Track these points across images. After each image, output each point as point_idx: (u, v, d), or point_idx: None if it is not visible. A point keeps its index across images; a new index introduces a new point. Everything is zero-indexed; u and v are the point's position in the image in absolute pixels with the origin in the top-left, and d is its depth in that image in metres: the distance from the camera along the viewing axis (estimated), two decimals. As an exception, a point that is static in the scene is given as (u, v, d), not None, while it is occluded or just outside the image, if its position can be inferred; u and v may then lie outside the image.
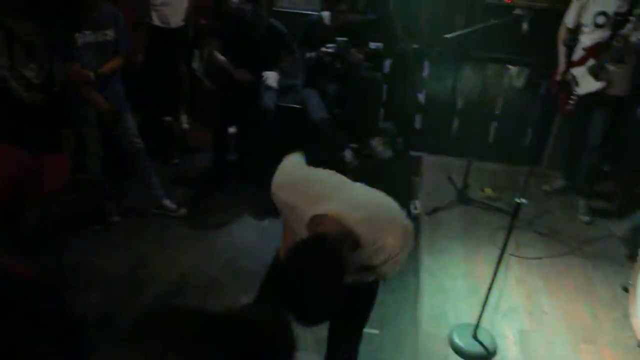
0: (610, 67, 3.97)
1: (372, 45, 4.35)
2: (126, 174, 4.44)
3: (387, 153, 4.68)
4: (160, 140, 5.12)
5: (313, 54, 4.25)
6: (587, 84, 4.08)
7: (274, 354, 1.09)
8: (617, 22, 3.90)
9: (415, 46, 5.02)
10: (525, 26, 4.19)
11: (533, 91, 5.01)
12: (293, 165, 2.12)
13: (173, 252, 3.99)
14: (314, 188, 1.98)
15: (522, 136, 5.14)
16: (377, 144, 4.68)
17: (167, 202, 4.39)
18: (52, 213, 4.19)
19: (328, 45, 4.16)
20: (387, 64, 5.08)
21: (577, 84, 4.14)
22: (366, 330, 3.19)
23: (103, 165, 4.12)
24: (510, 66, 4.95)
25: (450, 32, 4.10)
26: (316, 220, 1.83)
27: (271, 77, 4.44)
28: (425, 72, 5.14)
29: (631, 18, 3.84)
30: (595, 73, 4.02)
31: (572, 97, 4.19)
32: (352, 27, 4.31)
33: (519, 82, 5.05)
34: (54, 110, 4.23)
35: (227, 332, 1.02)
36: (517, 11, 4.27)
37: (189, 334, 0.99)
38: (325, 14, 4.28)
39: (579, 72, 4.11)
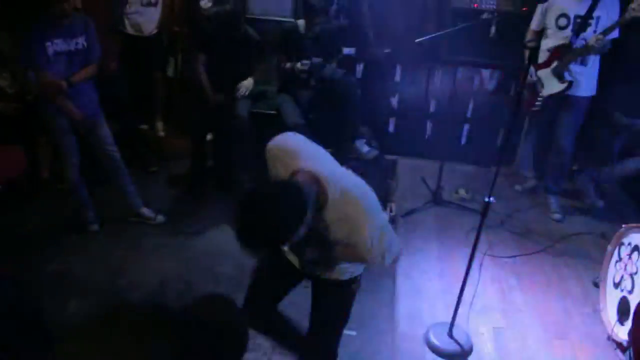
0: (574, 69, 4.10)
1: (345, 50, 4.41)
2: (103, 182, 4.44)
3: (373, 153, 4.74)
4: (136, 148, 5.12)
5: (288, 66, 4.29)
6: (551, 86, 4.20)
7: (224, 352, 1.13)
8: (577, 24, 4.05)
9: (387, 51, 5.09)
10: (492, 30, 4.29)
11: (504, 93, 5.12)
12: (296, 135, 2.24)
13: (152, 259, 3.99)
14: (308, 150, 2.12)
15: (494, 138, 5.25)
16: (362, 145, 4.74)
17: (145, 210, 4.40)
18: (30, 221, 4.18)
19: (303, 62, 4.22)
20: (360, 68, 5.15)
21: (542, 85, 4.26)
22: (344, 331, 3.26)
23: (80, 173, 4.11)
24: (482, 70, 5.07)
25: (421, 36, 4.18)
26: (297, 171, 1.96)
27: (244, 87, 4.50)
28: (397, 77, 5.23)
29: (590, 21, 4.00)
30: (559, 74, 4.13)
31: (537, 98, 4.31)
32: (326, 35, 4.37)
33: (491, 85, 5.16)
34: (28, 120, 4.23)
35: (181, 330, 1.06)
36: (485, 15, 4.38)
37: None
38: (301, 22, 4.34)
39: (543, 74, 4.23)
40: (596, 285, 3.64)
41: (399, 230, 4.32)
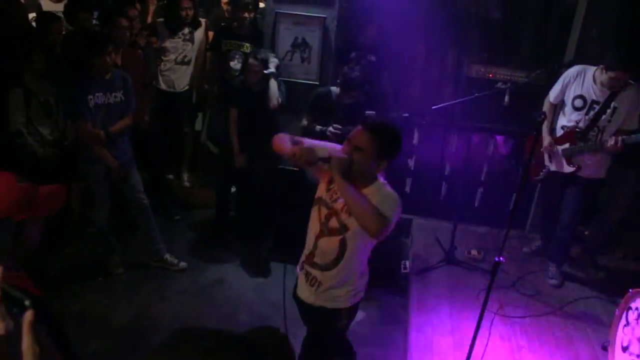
0: (585, 157, 4.23)
1: (367, 113, 4.62)
2: (130, 228, 4.65)
3: None
4: (162, 197, 5.35)
5: (318, 128, 4.52)
6: (559, 164, 4.36)
7: None
8: (593, 109, 4.14)
9: (405, 115, 5.32)
10: (507, 99, 4.50)
11: (516, 158, 5.31)
12: None
13: (174, 304, 4.16)
14: None
15: (506, 201, 5.39)
16: None
17: (168, 256, 4.58)
18: (58, 262, 4.36)
19: (335, 126, 4.45)
20: (379, 130, 5.37)
21: (550, 158, 4.43)
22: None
23: (109, 219, 4.33)
24: (496, 136, 5.27)
25: (438, 102, 4.41)
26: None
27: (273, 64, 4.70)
28: (415, 139, 5.45)
29: (607, 110, 4.09)
30: (568, 157, 4.29)
31: (543, 170, 4.48)
32: (356, 104, 4.62)
33: (504, 150, 5.35)
34: (64, 165, 4.48)
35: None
36: (500, 85, 4.63)
37: None
38: (335, 90, 4.58)
39: (558, 149, 4.39)
40: (605, 349, 3.70)
41: (413, 287, 4.44)
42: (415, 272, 4.61)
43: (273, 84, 4.59)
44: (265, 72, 4.54)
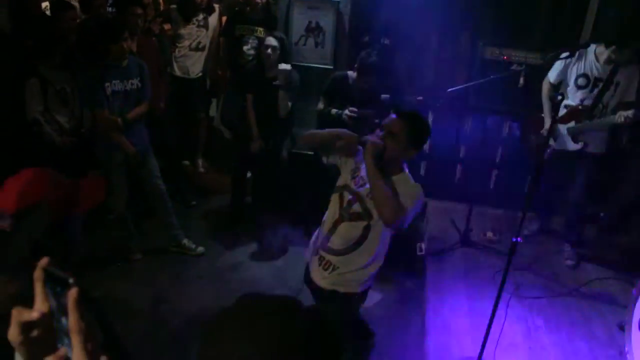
0: (592, 133, 4.28)
1: (382, 96, 4.63)
2: (148, 214, 4.70)
3: None
4: (178, 183, 5.40)
5: (334, 111, 4.53)
6: (564, 143, 4.36)
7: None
8: (597, 86, 4.21)
9: (420, 98, 5.32)
10: (522, 81, 4.48)
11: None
12: None
13: (192, 288, 4.21)
14: None
15: (522, 183, 5.39)
16: None
17: (186, 241, 4.63)
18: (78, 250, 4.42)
19: (351, 109, 4.46)
20: (394, 114, 5.38)
21: (554, 139, 4.43)
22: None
23: (127, 205, 4.38)
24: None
25: (452, 84, 4.40)
26: None
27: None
28: (429, 122, 5.43)
29: (610, 86, 4.16)
30: (573, 135, 4.31)
31: (547, 149, 4.48)
32: (371, 89, 4.63)
33: (519, 132, 5.34)
34: (82, 153, 4.52)
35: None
36: (515, 67, 4.60)
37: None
38: (351, 74, 4.59)
39: (559, 129, 4.39)
40: (622, 328, 3.72)
41: (429, 269, 4.46)
42: (431, 254, 4.64)
43: (282, 95, 4.61)
44: (281, 68, 4.54)
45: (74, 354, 0.92)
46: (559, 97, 3.01)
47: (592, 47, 4.23)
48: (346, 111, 4.44)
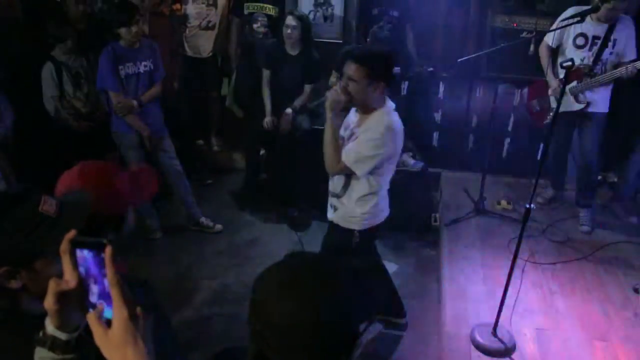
0: (593, 92, 4.29)
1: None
2: (166, 194, 4.78)
3: (418, 165, 4.95)
4: (193, 162, 5.47)
5: None
6: (567, 104, 4.37)
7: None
8: (595, 44, 4.23)
9: (430, 69, 5.33)
10: (532, 48, 4.47)
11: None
12: None
13: (212, 264, 4.31)
14: None
15: (534, 150, 5.40)
16: (407, 159, 4.96)
17: (204, 219, 4.72)
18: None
19: None
20: (405, 85, 5.40)
21: (556, 100, 4.45)
22: (393, 331, 3.52)
23: (145, 185, 4.46)
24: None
25: (462, 54, 4.40)
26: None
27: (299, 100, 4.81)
28: (441, 93, 5.46)
29: (608, 43, 4.19)
30: (575, 95, 4.32)
31: (549, 113, 4.51)
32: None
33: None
34: (99, 136, 4.59)
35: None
36: (525, 34, 4.58)
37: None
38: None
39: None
40: (636, 291, 3.78)
41: (444, 238, 4.52)
42: (446, 224, 4.69)
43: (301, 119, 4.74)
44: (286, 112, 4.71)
45: (114, 303, 1.04)
46: (569, 63, 3.01)
47: (587, 8, 4.21)
48: None
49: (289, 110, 4.72)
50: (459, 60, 4.31)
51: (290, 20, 4.58)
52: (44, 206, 1.34)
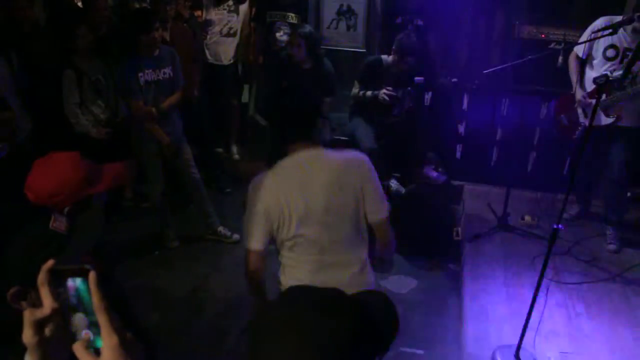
0: (624, 106, 4.14)
1: (416, 79, 4.57)
2: (184, 202, 4.75)
3: (441, 178, 4.86)
4: (213, 171, 5.43)
5: (369, 93, 4.51)
6: (596, 118, 4.23)
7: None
8: (627, 57, 4.07)
9: (454, 80, 5.23)
10: (560, 60, 4.36)
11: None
12: None
13: (229, 275, 4.24)
14: None
15: (560, 165, 5.27)
16: (430, 171, 4.87)
17: (222, 229, 4.67)
18: (115, 237, 4.50)
19: (388, 88, 4.43)
20: (428, 96, 5.31)
21: (585, 114, 4.31)
22: (411, 350, 3.41)
23: (163, 194, 4.43)
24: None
25: (487, 65, 4.30)
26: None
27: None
28: (465, 104, 5.35)
29: None
30: (605, 109, 4.17)
31: (578, 127, 4.38)
32: (406, 71, 4.58)
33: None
34: (118, 143, 4.57)
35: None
36: (553, 45, 4.47)
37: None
38: (385, 58, 4.54)
39: (588, 105, 4.27)
40: (666, 314, 3.63)
41: (466, 254, 4.41)
42: (468, 239, 4.58)
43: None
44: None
45: (103, 330, 0.98)
46: (603, 79, 2.90)
47: (618, 18, 4.06)
48: (383, 91, 4.42)
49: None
50: (485, 71, 4.21)
51: (293, 39, 4.54)
52: (54, 223, 1.33)
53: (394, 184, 4.72)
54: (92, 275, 0.99)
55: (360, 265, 2.43)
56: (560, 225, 2.95)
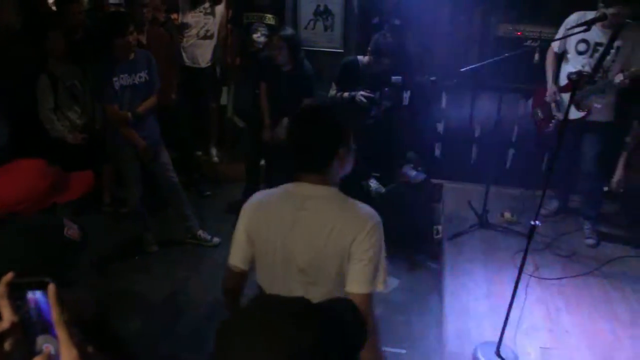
0: (594, 100, 4.19)
1: (393, 78, 4.57)
2: (163, 206, 4.71)
3: (420, 177, 4.86)
4: (192, 174, 5.40)
5: (346, 95, 4.51)
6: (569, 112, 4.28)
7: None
8: (597, 51, 4.15)
9: (433, 79, 5.24)
10: (537, 57, 4.38)
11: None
12: None
13: (208, 279, 4.22)
14: None
15: (539, 161, 5.30)
16: (409, 170, 4.87)
17: (201, 233, 4.64)
18: (95, 245, 4.45)
19: (367, 90, 4.44)
20: (407, 96, 5.31)
21: (558, 109, 4.36)
22: (394, 350, 3.41)
23: (141, 198, 4.39)
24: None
25: (465, 63, 4.32)
26: None
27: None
28: (443, 103, 5.37)
29: (611, 50, 4.10)
30: (577, 103, 4.20)
31: (551, 121, 4.41)
32: (383, 71, 4.58)
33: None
34: (95, 149, 4.53)
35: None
36: (529, 43, 4.49)
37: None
38: (361, 59, 4.55)
39: (563, 98, 4.32)
40: (644, 307, 3.66)
41: (446, 252, 4.42)
42: (449, 237, 4.58)
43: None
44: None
45: (62, 345, 0.97)
46: (575, 75, 2.93)
47: (592, 13, 4.12)
48: (360, 92, 4.42)
49: (286, 120, 4.64)
50: (462, 69, 4.23)
51: (274, 42, 4.53)
52: (68, 231, 1.33)
53: (373, 183, 4.71)
54: (51, 287, 0.98)
55: None
56: (537, 222, 2.96)
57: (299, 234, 1.94)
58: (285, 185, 2.06)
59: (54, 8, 5.15)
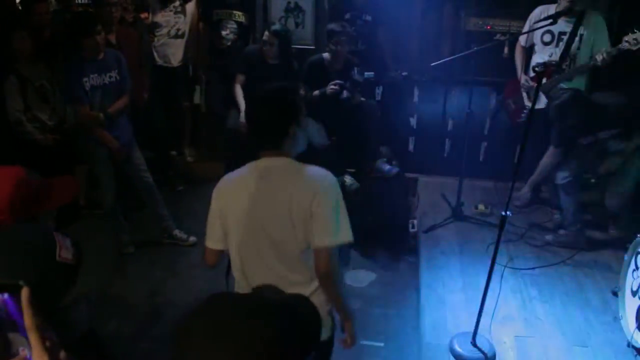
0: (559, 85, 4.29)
1: (365, 74, 4.59)
2: (138, 207, 4.67)
3: (394, 171, 4.89)
4: (166, 173, 5.36)
5: (316, 92, 4.53)
6: (538, 102, 4.35)
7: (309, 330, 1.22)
8: (561, 40, 4.27)
9: (405, 73, 5.28)
10: (506, 50, 4.45)
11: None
12: None
13: (185, 278, 4.20)
14: None
15: (511, 154, 5.36)
16: (383, 164, 4.90)
17: (177, 232, 4.61)
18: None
19: (336, 82, 4.48)
20: (379, 91, 5.34)
21: (529, 97, 4.45)
22: (371, 343, 3.43)
23: (116, 199, 4.35)
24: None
25: (437, 58, 4.36)
26: None
27: None
28: (416, 98, 5.41)
29: (575, 38, 4.22)
30: (546, 92, 4.30)
31: (523, 111, 4.51)
32: (348, 63, 4.60)
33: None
34: (66, 150, 4.47)
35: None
36: (499, 37, 4.55)
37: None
38: (326, 56, 4.57)
39: (532, 89, 4.40)
40: (615, 294, 3.72)
41: (422, 245, 4.46)
42: (424, 230, 4.63)
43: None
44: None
45: (33, 350, 0.96)
46: (541, 67, 2.98)
47: (554, 5, 4.24)
48: (330, 86, 4.45)
49: (234, 112, 4.66)
50: (433, 64, 4.27)
51: (266, 37, 4.52)
52: (61, 252, 1.27)
53: (348, 179, 4.72)
54: (24, 292, 0.96)
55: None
56: (508, 212, 3.01)
57: (264, 203, 2.13)
58: (249, 163, 2.23)
59: (20, 8, 5.07)
